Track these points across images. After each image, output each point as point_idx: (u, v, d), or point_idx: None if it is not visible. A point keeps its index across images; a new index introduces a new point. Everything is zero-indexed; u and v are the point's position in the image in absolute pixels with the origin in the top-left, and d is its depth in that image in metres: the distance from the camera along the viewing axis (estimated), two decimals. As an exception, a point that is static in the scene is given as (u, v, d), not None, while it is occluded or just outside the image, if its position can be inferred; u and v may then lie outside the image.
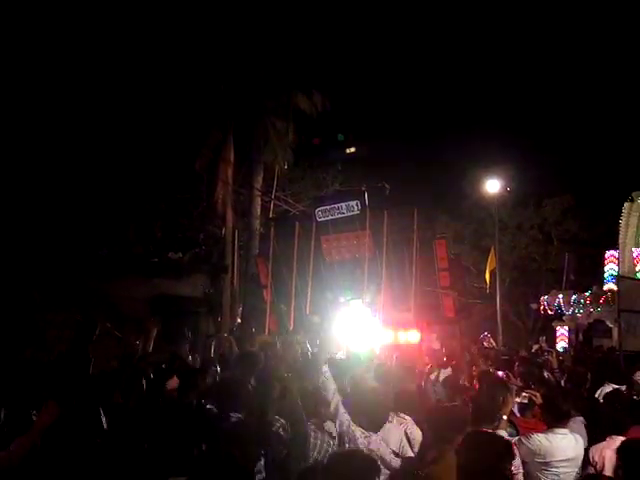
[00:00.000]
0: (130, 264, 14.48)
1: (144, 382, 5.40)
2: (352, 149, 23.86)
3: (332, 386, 3.86)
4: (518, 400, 5.14)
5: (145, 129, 18.24)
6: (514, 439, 4.04)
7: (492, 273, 22.36)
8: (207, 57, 17.73)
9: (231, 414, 4.03)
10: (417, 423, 4.39)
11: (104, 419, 3.55)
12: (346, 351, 6.77)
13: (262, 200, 19.08)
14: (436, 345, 11.95)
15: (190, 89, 17.62)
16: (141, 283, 13.50)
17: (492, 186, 22.61)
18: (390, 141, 29.15)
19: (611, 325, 17.40)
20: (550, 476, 3.87)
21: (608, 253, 21.49)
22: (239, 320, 17.39)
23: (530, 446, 3.90)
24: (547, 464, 3.86)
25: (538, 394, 4.78)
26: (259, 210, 18.74)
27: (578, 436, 4.11)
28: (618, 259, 21.07)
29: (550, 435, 3.95)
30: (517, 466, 3.84)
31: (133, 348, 11.15)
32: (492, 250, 22.49)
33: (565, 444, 3.91)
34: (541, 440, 3.92)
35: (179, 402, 4.47)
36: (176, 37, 17.71)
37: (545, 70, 34.78)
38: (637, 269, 19.37)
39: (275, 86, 18.19)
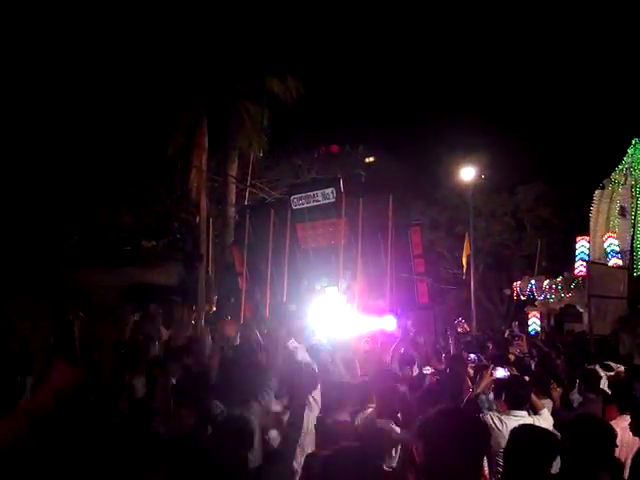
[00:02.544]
0: (102, 252, 14.20)
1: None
2: (371, 158, 23.09)
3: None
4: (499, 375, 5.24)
5: (116, 113, 17.81)
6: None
7: (467, 259, 22.63)
8: (179, 40, 17.34)
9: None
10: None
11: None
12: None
13: (237, 187, 18.87)
14: (412, 331, 12.02)
15: (162, 72, 17.23)
16: (113, 271, 13.25)
17: (467, 173, 22.78)
18: (366, 129, 29.08)
19: (582, 310, 17.76)
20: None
21: (579, 239, 21.90)
22: (214, 308, 17.26)
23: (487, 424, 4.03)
24: (499, 444, 3.96)
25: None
26: (234, 197, 18.52)
27: (541, 419, 4.20)
28: (589, 245, 21.50)
29: (504, 416, 4.12)
30: None
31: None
32: (467, 236, 22.73)
33: (517, 425, 4.03)
34: (494, 420, 4.10)
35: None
36: (147, 19, 17.27)
37: (518, 58, 35.07)
38: (608, 256, 19.78)
39: (249, 70, 17.90)
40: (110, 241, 17.19)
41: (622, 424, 4.10)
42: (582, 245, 21.39)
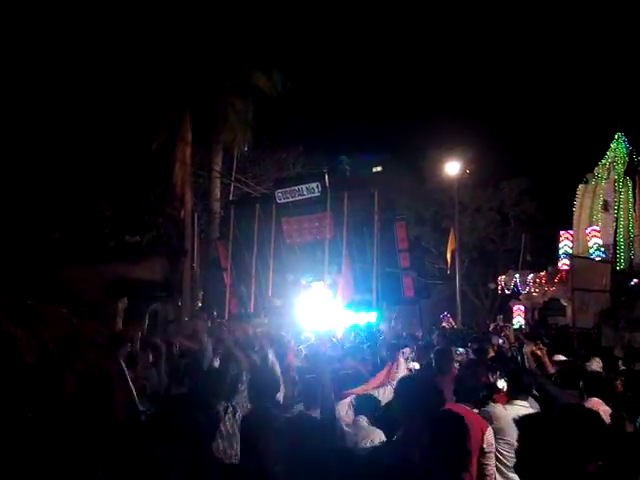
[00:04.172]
0: (85, 247, 14.00)
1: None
2: (379, 168, 22.07)
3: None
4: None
5: (98, 108, 17.55)
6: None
7: (452, 254, 22.74)
8: (163, 33, 17.12)
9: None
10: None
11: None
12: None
13: (222, 182, 18.73)
14: (398, 325, 12.08)
15: (146, 65, 17.00)
16: (97, 267, 13.07)
17: (452, 168, 22.87)
18: (352, 125, 29.10)
19: (565, 303, 17.93)
20: (503, 444, 3.96)
21: (562, 233, 22.11)
22: (200, 304, 17.15)
23: (487, 414, 4.05)
24: (501, 431, 3.96)
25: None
26: (219, 192, 18.38)
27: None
28: (572, 239, 21.72)
29: (508, 405, 4.10)
30: (490, 444, 3.87)
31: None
32: (452, 231, 22.84)
33: (521, 414, 4.00)
34: (497, 407, 4.10)
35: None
36: (131, 13, 17.01)
37: (504, 55, 35.26)
38: (589, 245, 19.98)
39: (234, 64, 17.73)
40: (93, 236, 16.97)
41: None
42: (565, 243, 21.63)
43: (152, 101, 17.20)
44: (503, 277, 22.45)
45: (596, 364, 6.24)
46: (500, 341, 8.52)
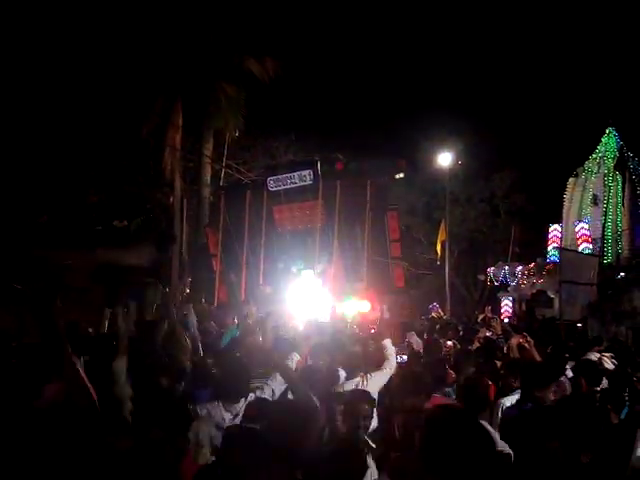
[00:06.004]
0: (72, 232, 13.84)
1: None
2: (401, 175, 20.83)
3: None
4: None
5: (88, 92, 17.30)
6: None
7: (442, 245, 22.79)
8: (155, 18, 16.86)
9: None
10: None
11: None
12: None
13: (212, 168, 18.56)
14: (387, 315, 12.06)
15: (137, 50, 16.74)
16: (84, 252, 12.92)
17: (444, 159, 22.86)
18: (344, 114, 29.00)
19: (552, 295, 18.06)
20: None
21: (552, 227, 22.21)
22: (188, 290, 17.05)
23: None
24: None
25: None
26: (209, 178, 18.23)
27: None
28: (561, 232, 21.83)
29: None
30: None
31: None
32: (443, 222, 22.89)
33: None
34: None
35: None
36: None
37: (497, 47, 35.22)
38: (579, 243, 20.12)
39: (226, 49, 17.53)
40: (80, 221, 16.78)
41: None
42: (554, 235, 21.75)
43: (143, 86, 16.97)
44: (492, 269, 22.54)
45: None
46: (488, 333, 8.55)
